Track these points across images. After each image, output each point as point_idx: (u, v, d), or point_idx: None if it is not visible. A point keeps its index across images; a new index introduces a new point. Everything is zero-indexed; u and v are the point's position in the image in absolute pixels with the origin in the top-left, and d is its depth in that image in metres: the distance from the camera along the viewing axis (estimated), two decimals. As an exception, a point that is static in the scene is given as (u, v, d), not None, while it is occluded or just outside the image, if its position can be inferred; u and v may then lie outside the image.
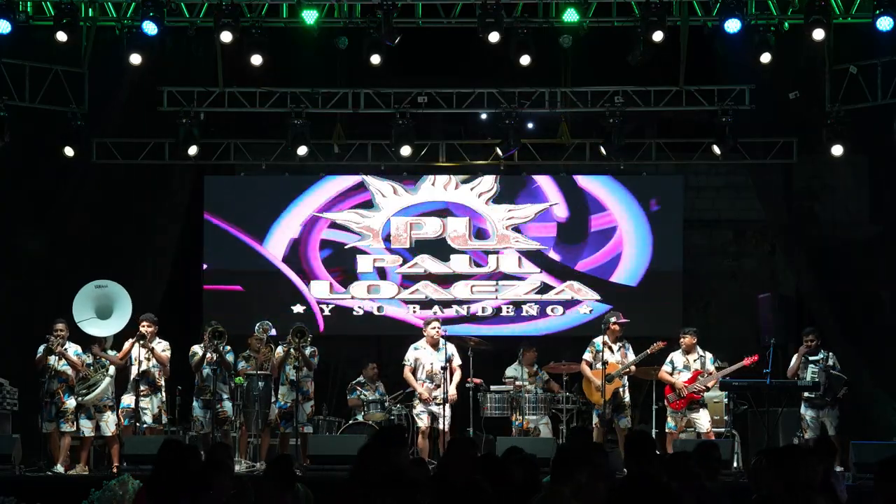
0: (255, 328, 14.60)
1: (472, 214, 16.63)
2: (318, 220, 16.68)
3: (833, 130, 14.64)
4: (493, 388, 14.97)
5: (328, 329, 16.32)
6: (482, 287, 16.55)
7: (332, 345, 16.12)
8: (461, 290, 16.53)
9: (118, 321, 14.16)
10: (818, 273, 15.73)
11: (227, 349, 14.11)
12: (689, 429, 14.14)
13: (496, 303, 16.53)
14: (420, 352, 14.38)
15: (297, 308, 16.45)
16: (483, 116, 16.42)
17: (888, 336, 15.18)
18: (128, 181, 15.95)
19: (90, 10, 14.30)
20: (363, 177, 16.65)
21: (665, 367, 14.34)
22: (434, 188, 16.70)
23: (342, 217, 16.65)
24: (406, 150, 15.49)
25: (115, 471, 13.20)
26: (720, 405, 14.30)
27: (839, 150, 14.72)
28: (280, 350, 14.22)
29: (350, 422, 14.82)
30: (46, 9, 14.27)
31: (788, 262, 16.79)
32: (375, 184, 16.67)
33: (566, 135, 15.92)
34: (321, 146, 16.14)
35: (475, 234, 16.62)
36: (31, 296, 15.19)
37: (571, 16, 14.05)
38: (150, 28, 13.78)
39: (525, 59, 14.08)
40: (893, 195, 15.51)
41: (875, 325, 15.28)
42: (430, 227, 16.66)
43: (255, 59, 14.18)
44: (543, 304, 16.48)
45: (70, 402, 13.70)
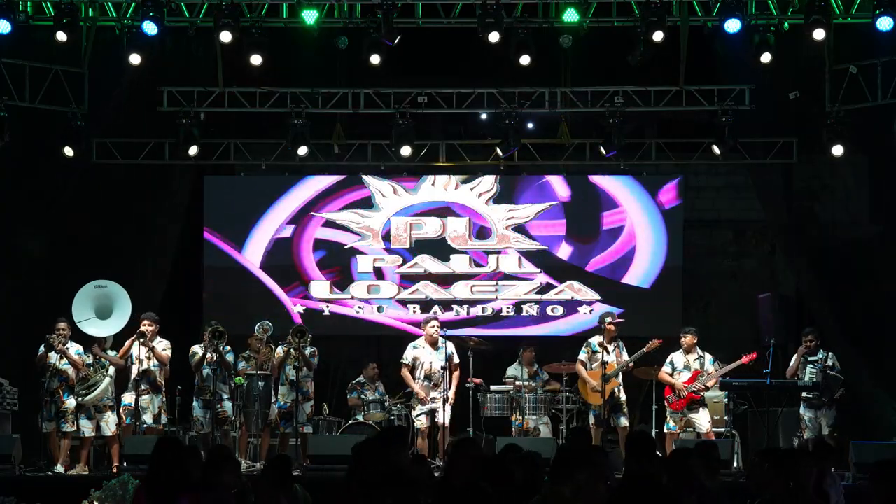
0: (255, 328, 14.60)
1: (473, 214, 16.62)
2: (311, 221, 16.62)
3: (833, 130, 14.64)
4: (493, 388, 14.97)
5: (328, 329, 16.29)
6: (482, 287, 16.54)
7: (332, 345, 16.09)
8: (461, 291, 16.51)
9: (118, 321, 14.16)
10: (818, 273, 15.72)
11: (227, 349, 14.11)
12: (689, 429, 14.14)
13: (496, 304, 16.53)
14: (419, 350, 14.36)
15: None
16: (483, 116, 16.42)
17: (888, 336, 15.17)
18: (128, 181, 15.94)
19: (90, 10, 14.30)
20: (346, 175, 16.61)
21: (665, 368, 14.33)
22: (434, 188, 16.69)
23: (342, 217, 16.63)
24: (406, 150, 15.49)
25: (115, 471, 13.21)
26: (720, 405, 14.31)
27: (839, 150, 14.71)
28: (280, 350, 14.22)
29: (350, 422, 14.82)
30: (46, 9, 14.27)
31: (788, 262, 16.78)
32: (375, 183, 16.66)
33: (566, 135, 15.91)
34: (321, 146, 16.13)
35: (475, 234, 16.61)
36: (31, 296, 15.17)
37: (571, 16, 14.06)
38: (150, 28, 13.78)
39: (525, 59, 14.08)
40: (893, 195, 15.50)
41: (875, 325, 15.26)
42: (430, 227, 16.64)
43: (255, 59, 14.18)
44: (544, 305, 16.47)
45: (70, 402, 13.70)
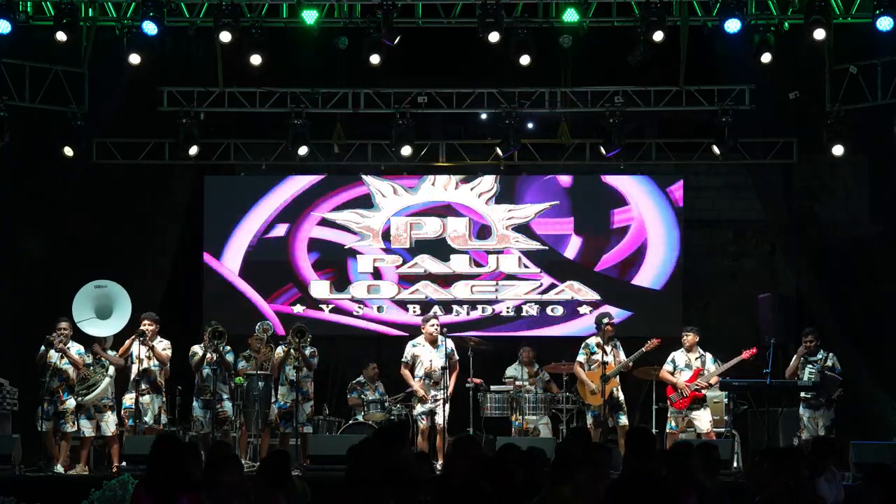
0: (255, 328, 14.60)
1: (473, 214, 16.62)
2: (305, 222, 16.60)
3: (833, 130, 14.63)
4: (493, 388, 14.97)
5: (328, 329, 16.29)
6: (482, 287, 16.53)
7: (332, 345, 16.09)
8: (461, 291, 16.51)
9: (118, 321, 14.16)
10: (818, 273, 15.72)
11: (227, 349, 14.10)
12: (690, 429, 14.14)
13: (497, 305, 16.51)
14: (419, 349, 14.32)
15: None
16: (483, 116, 16.42)
17: (888, 336, 15.17)
18: (128, 181, 15.94)
19: (90, 10, 14.31)
20: (324, 175, 16.58)
21: (666, 367, 14.32)
22: (434, 188, 16.68)
23: (341, 216, 16.63)
24: (406, 150, 15.48)
25: (115, 471, 13.21)
26: (720, 405, 14.31)
27: (839, 150, 14.71)
28: (280, 350, 14.21)
29: (350, 422, 14.81)
30: (46, 9, 14.27)
31: (788, 262, 16.78)
32: (375, 183, 16.66)
33: (566, 135, 15.91)
34: (321, 146, 16.13)
35: (476, 234, 16.60)
36: (31, 296, 15.17)
37: (571, 16, 14.06)
38: (150, 28, 13.78)
39: (525, 59, 14.08)
40: (893, 195, 15.50)
41: (875, 325, 15.26)
42: (430, 227, 16.64)
43: (255, 59, 14.18)
44: (544, 305, 16.47)
45: (70, 402, 13.69)
